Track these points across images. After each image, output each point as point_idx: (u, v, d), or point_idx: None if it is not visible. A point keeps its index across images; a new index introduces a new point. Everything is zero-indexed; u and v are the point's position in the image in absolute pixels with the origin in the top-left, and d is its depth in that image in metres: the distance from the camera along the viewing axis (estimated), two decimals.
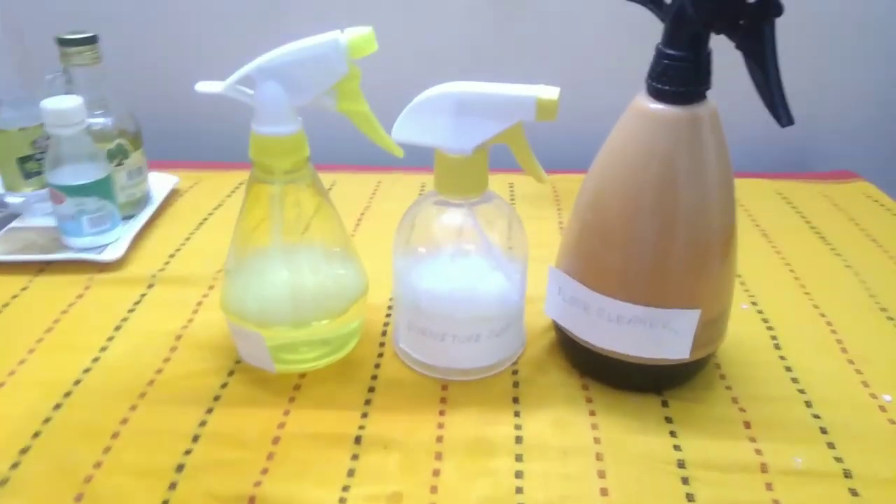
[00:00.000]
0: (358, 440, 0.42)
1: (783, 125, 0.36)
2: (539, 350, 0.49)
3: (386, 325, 0.52)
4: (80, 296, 0.55)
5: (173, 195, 0.72)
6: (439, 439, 0.42)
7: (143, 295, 0.55)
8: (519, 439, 0.42)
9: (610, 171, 0.42)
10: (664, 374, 0.45)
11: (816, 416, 0.44)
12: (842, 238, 0.65)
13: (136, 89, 0.74)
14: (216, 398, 0.45)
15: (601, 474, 0.40)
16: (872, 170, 0.81)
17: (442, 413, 0.44)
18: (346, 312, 0.46)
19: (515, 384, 0.46)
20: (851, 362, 0.49)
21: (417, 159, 0.47)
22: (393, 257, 0.47)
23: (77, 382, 0.46)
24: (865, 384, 0.47)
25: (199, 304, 0.54)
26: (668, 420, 0.43)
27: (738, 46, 0.37)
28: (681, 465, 0.40)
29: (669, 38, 0.39)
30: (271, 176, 0.43)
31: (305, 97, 0.41)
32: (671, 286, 0.41)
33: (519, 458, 0.40)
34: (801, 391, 0.46)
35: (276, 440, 0.41)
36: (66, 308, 0.53)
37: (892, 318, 0.53)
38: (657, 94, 0.40)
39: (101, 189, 0.59)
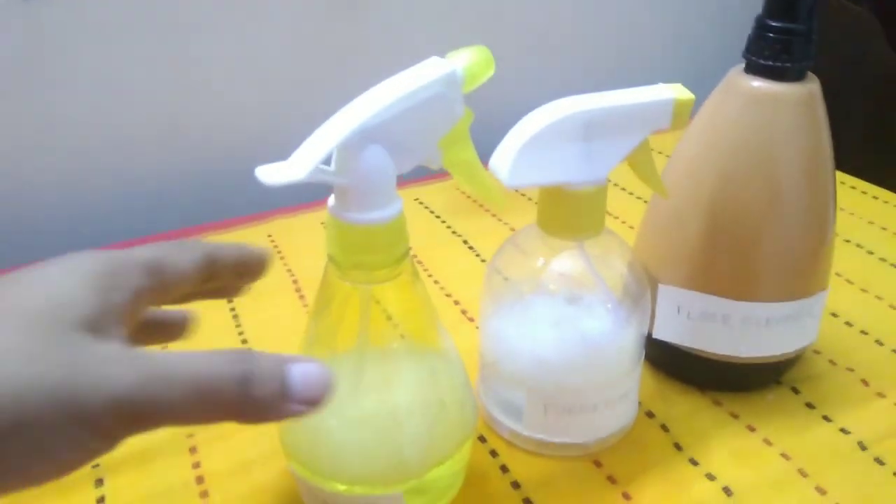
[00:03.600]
0: None
1: None
2: (644, 380, 0.43)
3: None
4: None
5: None
6: None
7: (100, 500, 0.36)
8: (728, 491, 0.36)
9: (734, 167, 0.37)
10: (786, 363, 0.42)
11: None
12: None
13: None
14: None
15: (821, 491, 0.36)
16: None
17: (627, 496, 0.36)
18: (464, 446, 0.35)
19: (664, 428, 0.40)
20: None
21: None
22: (489, 323, 0.37)
23: None
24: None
25: (201, 479, 0.37)
26: (811, 406, 0.42)
27: None
28: (862, 447, 0.39)
29: (779, 9, 0.35)
30: (362, 276, 0.30)
31: (412, 160, 0.29)
32: (816, 272, 0.39)
33: None
34: (879, 342, 0.47)
35: None
36: None
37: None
38: (771, 73, 0.36)
39: None
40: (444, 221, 0.63)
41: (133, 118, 0.65)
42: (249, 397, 0.22)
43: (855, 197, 0.66)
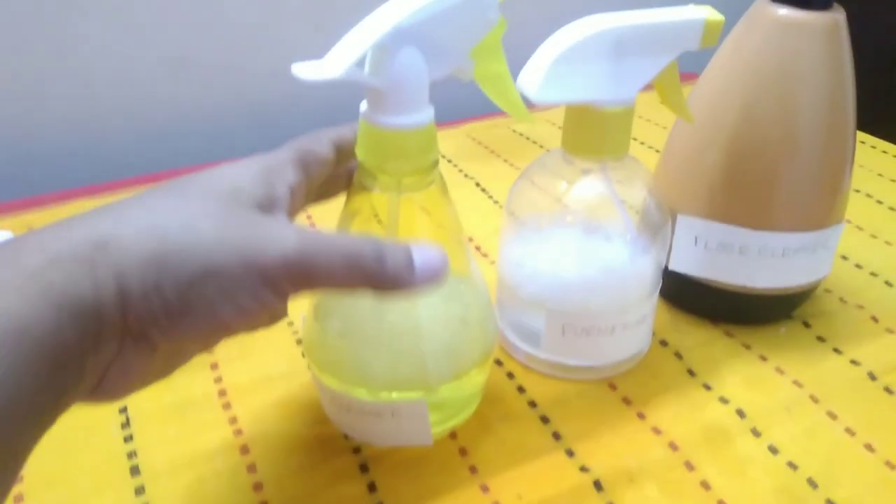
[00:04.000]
0: (598, 485, 0.33)
1: None
2: (657, 313, 0.44)
3: None
4: None
5: None
6: (672, 447, 0.35)
7: (123, 410, 0.37)
8: (741, 413, 0.37)
9: (756, 95, 0.37)
10: (800, 296, 0.43)
11: None
12: None
13: None
14: None
15: (832, 416, 0.37)
16: None
17: (642, 416, 0.37)
18: (484, 363, 0.35)
19: (678, 356, 0.41)
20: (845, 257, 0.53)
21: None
22: (510, 249, 0.38)
23: None
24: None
25: (223, 393, 0.38)
26: (821, 339, 0.42)
27: None
28: (872, 377, 0.40)
29: None
30: (389, 183, 0.30)
31: (446, 66, 0.29)
32: (834, 203, 0.39)
33: (756, 432, 0.36)
34: (889, 283, 0.48)
35: None
36: None
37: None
38: (796, 0, 0.36)
39: None
40: (455, 165, 0.63)
41: (143, 51, 0.64)
42: (385, 269, 0.26)
43: (865, 151, 0.67)
